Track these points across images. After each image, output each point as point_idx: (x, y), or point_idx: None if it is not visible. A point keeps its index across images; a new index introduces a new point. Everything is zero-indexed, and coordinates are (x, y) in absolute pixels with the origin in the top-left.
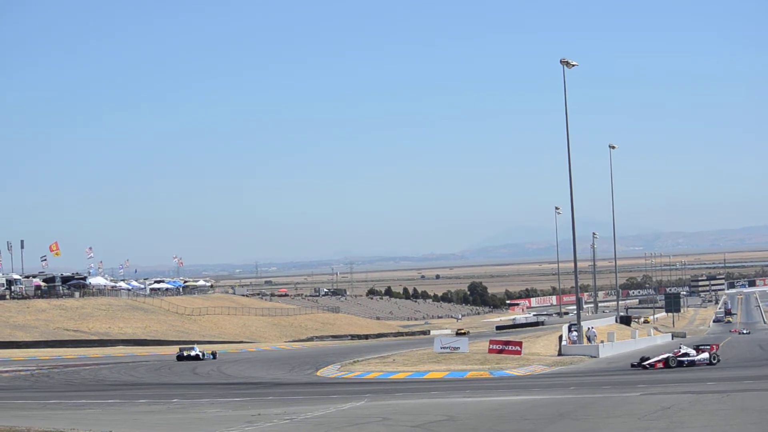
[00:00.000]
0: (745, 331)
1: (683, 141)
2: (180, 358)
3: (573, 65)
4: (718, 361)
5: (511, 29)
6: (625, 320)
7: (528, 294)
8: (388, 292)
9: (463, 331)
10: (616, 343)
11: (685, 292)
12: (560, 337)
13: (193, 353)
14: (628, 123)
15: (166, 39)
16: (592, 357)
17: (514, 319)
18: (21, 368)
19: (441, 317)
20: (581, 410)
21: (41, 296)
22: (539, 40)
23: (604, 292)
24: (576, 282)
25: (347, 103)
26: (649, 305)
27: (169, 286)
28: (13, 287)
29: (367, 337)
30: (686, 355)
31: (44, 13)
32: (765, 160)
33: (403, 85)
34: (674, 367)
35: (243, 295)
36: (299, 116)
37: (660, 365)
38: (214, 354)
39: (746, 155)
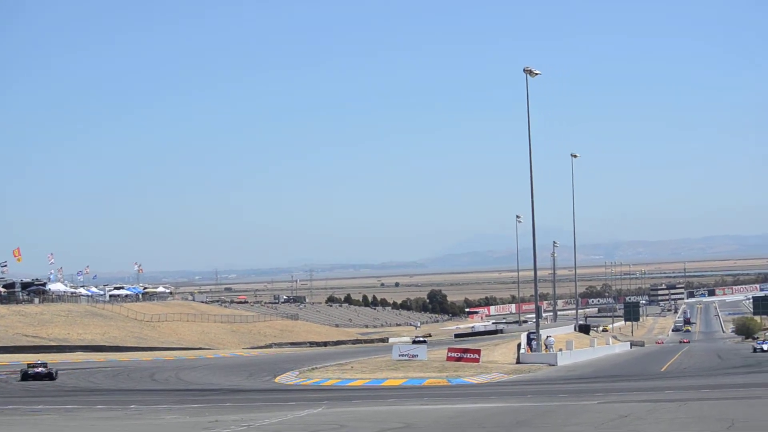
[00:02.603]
0: (685, 340)
1: (645, 151)
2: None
3: (536, 74)
4: None
5: (473, 38)
6: (584, 329)
7: (487, 302)
8: (348, 300)
9: (421, 339)
10: (574, 351)
11: (644, 301)
12: (519, 346)
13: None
14: (590, 132)
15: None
16: (550, 365)
17: (473, 327)
18: None
19: (400, 325)
20: (539, 418)
21: (1, 302)
22: (503, 48)
23: (563, 300)
24: (536, 290)
25: (306, 113)
26: (609, 314)
27: (128, 292)
28: None
29: (325, 344)
30: None
31: (32, 22)
32: (725, 171)
33: (363, 95)
34: None
35: (202, 302)
36: (259, 125)
37: None
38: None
39: (707, 166)
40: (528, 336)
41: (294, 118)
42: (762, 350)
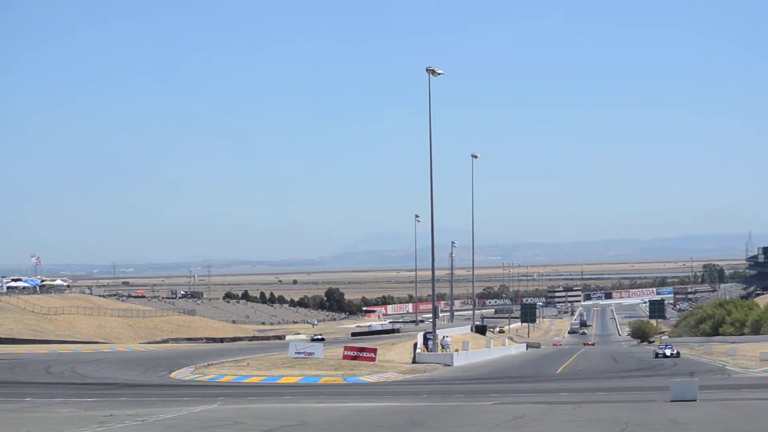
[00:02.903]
0: (590, 342)
1: (545, 153)
2: None
3: (439, 74)
4: None
5: (376, 35)
6: (481, 329)
7: (385, 301)
8: (245, 297)
9: (320, 337)
10: (470, 352)
11: (541, 303)
12: (415, 345)
13: None
14: (492, 133)
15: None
16: (446, 365)
17: (369, 325)
18: None
19: (297, 322)
20: (434, 418)
21: None
22: (405, 45)
23: (460, 300)
24: (433, 290)
25: (207, 108)
26: (506, 315)
27: (26, 284)
28: None
29: (222, 340)
30: None
31: None
32: (624, 174)
33: (264, 92)
34: None
35: (100, 296)
36: (160, 121)
37: None
38: None
39: (606, 169)
40: (424, 336)
41: (194, 115)
42: (665, 356)
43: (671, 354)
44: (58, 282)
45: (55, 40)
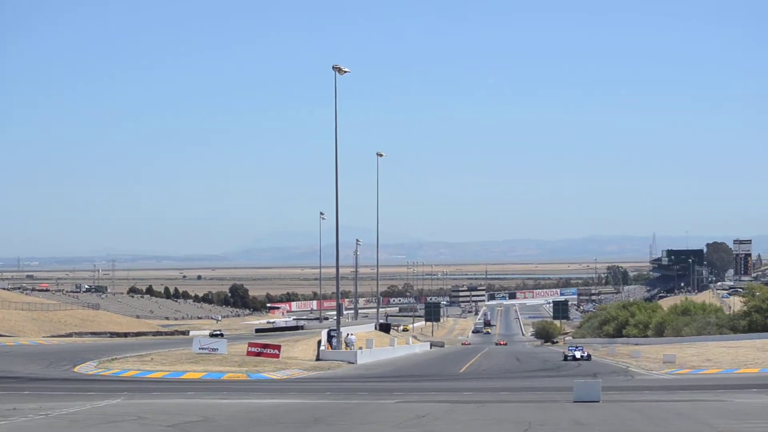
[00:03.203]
0: (503, 342)
1: (449, 152)
2: None
3: (345, 71)
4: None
5: (282, 31)
6: (385, 328)
7: (289, 298)
8: (150, 291)
9: (219, 332)
10: (374, 349)
11: (445, 302)
12: (319, 342)
13: None
14: (397, 131)
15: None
16: (350, 363)
17: (274, 322)
18: None
19: (201, 318)
20: (337, 415)
21: None
22: (312, 41)
23: (365, 299)
24: (337, 288)
25: (112, 104)
26: (410, 314)
27: None
28: None
29: (126, 335)
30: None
31: None
32: (528, 175)
33: (172, 85)
34: None
35: (3, 289)
36: (58, 118)
37: None
38: None
39: (510, 169)
40: (329, 333)
41: (99, 108)
42: (574, 358)
43: (581, 357)
44: None
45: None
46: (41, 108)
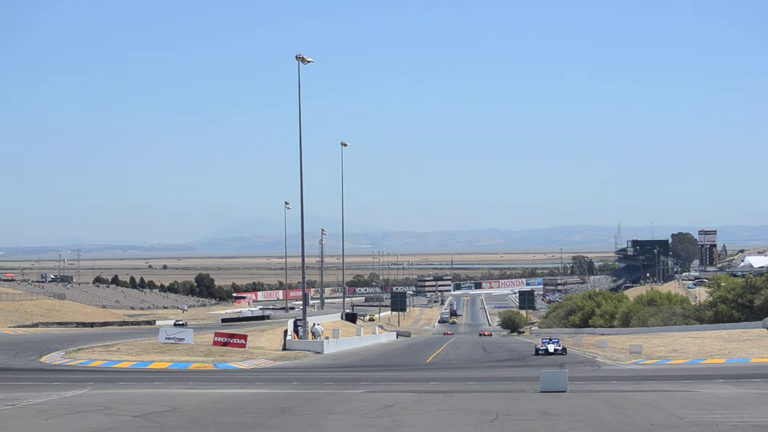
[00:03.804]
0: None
1: (413, 142)
2: None
3: (308, 61)
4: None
5: (249, 23)
6: (351, 317)
7: (255, 288)
8: (115, 281)
9: (182, 322)
10: (340, 339)
11: (411, 292)
12: (285, 332)
13: None
14: (362, 122)
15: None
16: (316, 353)
17: (240, 312)
18: None
19: (167, 308)
20: (304, 405)
21: None
22: (276, 33)
23: (331, 288)
24: (303, 277)
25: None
26: (376, 303)
27: None
28: None
29: (92, 324)
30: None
31: None
32: (492, 166)
33: (138, 77)
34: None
35: None
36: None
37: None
38: None
39: (475, 159)
40: (295, 323)
41: (67, 100)
42: (547, 352)
43: (555, 350)
44: None
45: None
46: (5, 98)
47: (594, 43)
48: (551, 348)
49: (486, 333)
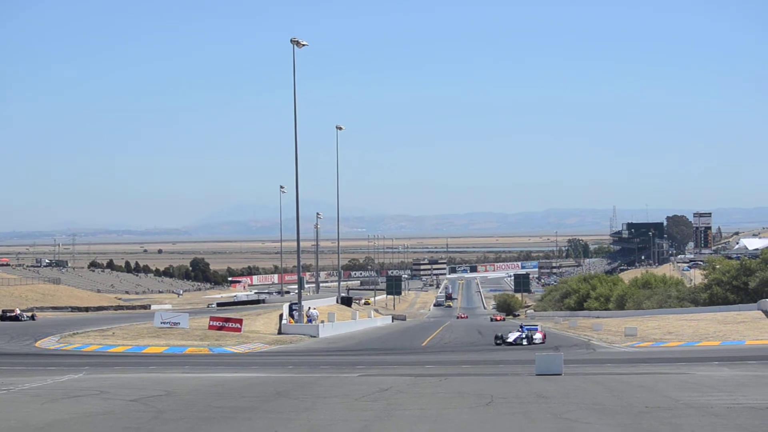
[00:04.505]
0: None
1: (408, 125)
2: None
3: (303, 45)
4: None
5: (245, 7)
6: (346, 301)
7: (250, 272)
8: (110, 265)
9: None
10: (336, 323)
11: (406, 276)
12: (281, 316)
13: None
14: (357, 105)
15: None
16: (312, 337)
17: (235, 296)
18: None
19: (162, 292)
20: (299, 389)
21: None
22: (272, 17)
23: (326, 272)
24: (298, 261)
25: (78, 78)
26: (371, 287)
27: None
28: None
29: (87, 309)
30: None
31: None
32: (487, 147)
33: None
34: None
35: None
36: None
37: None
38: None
39: (470, 142)
40: (290, 307)
41: (59, 87)
42: (505, 342)
43: (517, 341)
44: None
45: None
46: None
47: (588, 25)
48: (512, 338)
49: (498, 318)
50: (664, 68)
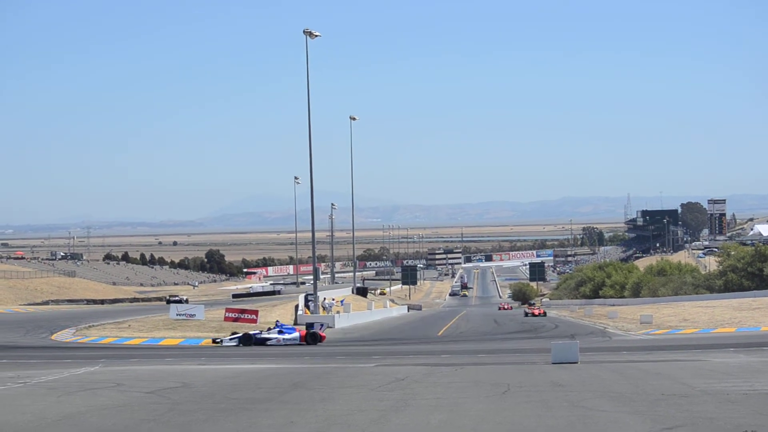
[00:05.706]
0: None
1: (423, 116)
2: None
3: (316, 35)
4: None
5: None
6: (362, 291)
7: (265, 263)
8: (125, 258)
9: (176, 299)
10: (352, 314)
11: (422, 265)
12: (296, 307)
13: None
14: (371, 96)
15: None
16: (328, 327)
17: (250, 287)
18: None
19: (178, 284)
20: (316, 380)
21: None
22: (285, 8)
23: (341, 262)
24: (313, 252)
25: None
26: (386, 277)
27: None
28: None
29: (103, 302)
30: None
31: None
32: (502, 136)
33: (147, 54)
34: None
35: None
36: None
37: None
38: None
39: (484, 131)
40: (306, 297)
41: (74, 80)
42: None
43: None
44: None
45: None
46: (16, 78)
47: (602, 16)
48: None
49: (505, 306)
50: (679, 58)
